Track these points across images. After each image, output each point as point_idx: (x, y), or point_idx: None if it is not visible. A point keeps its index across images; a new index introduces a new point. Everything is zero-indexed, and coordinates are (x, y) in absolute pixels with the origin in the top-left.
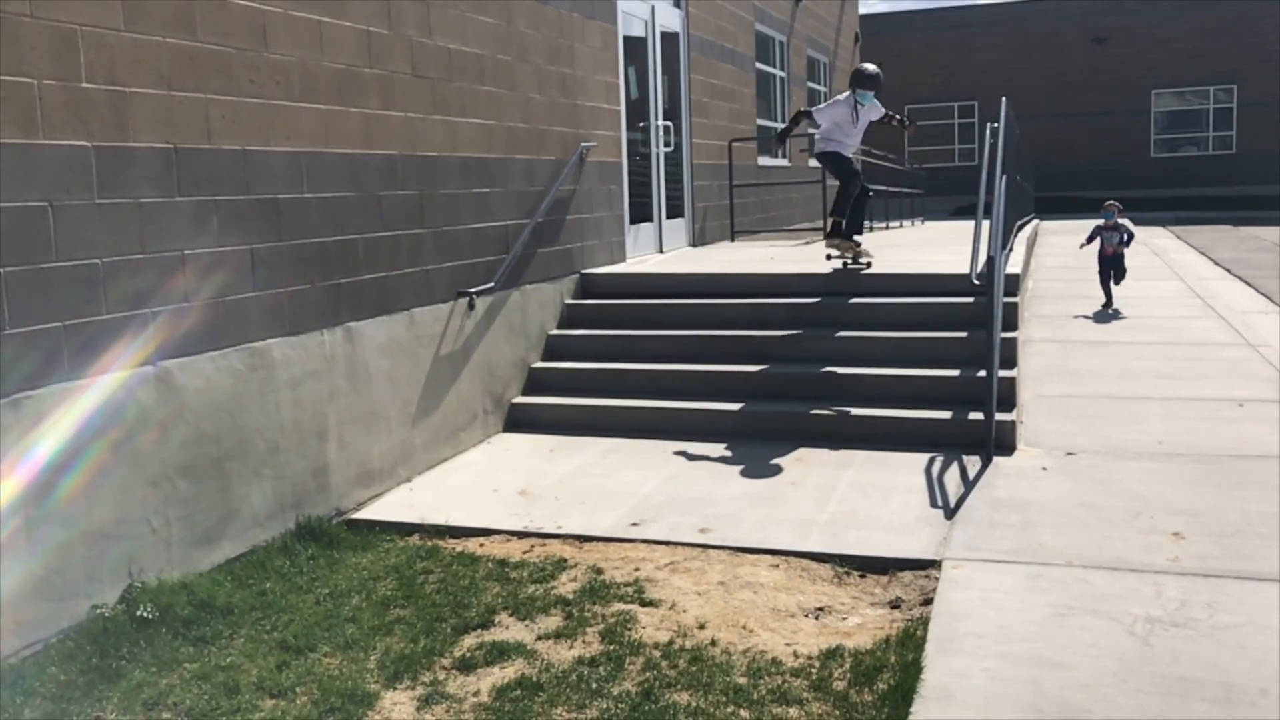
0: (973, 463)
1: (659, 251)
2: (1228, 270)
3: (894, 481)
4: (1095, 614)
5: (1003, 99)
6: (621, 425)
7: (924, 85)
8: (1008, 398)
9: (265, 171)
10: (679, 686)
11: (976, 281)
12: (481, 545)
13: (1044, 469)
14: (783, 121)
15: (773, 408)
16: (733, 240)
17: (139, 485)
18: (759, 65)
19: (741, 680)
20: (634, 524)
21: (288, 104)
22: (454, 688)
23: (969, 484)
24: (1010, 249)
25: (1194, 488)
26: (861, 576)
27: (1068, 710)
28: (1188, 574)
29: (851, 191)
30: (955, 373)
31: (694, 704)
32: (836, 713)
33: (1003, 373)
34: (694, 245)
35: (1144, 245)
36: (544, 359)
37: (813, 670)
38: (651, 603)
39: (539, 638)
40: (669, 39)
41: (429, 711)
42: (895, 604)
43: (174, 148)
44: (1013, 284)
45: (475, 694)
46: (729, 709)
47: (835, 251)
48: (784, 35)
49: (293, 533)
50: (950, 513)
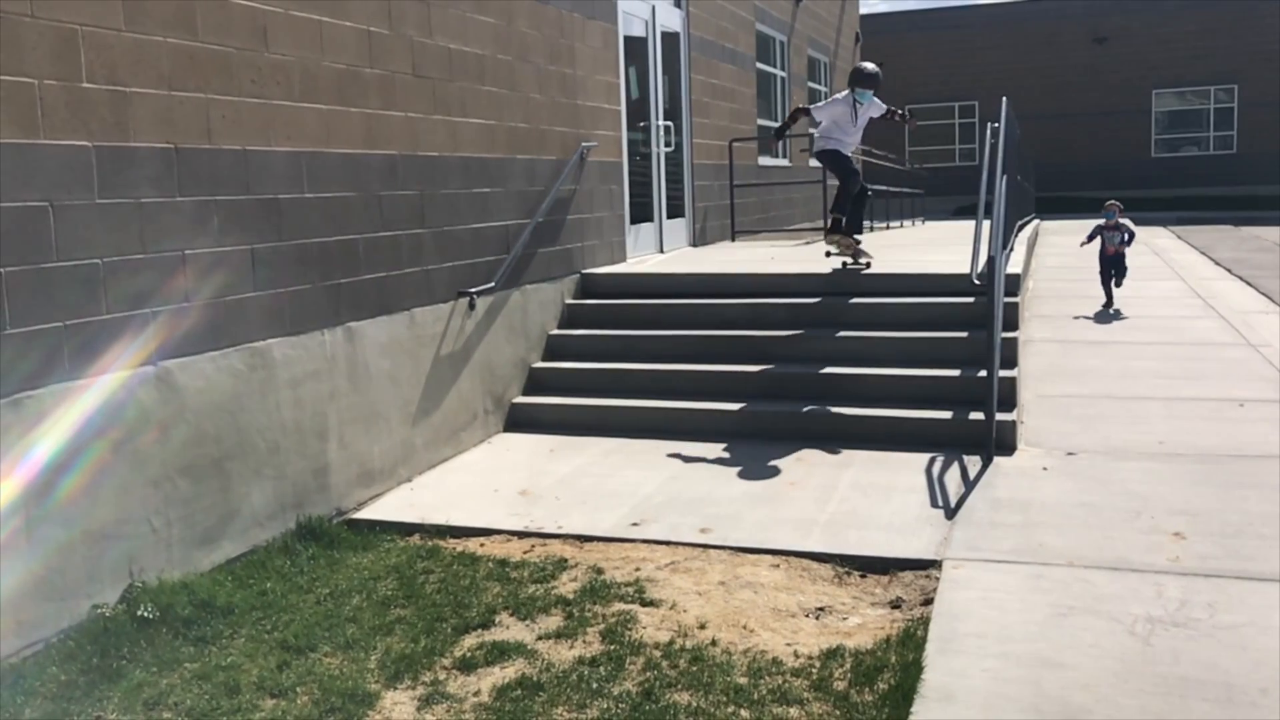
0: (973, 463)
1: (659, 251)
2: (1228, 270)
3: (895, 481)
4: (1096, 614)
5: (1003, 99)
6: (622, 425)
7: (925, 85)
8: (1008, 398)
9: (266, 171)
10: (679, 686)
11: (977, 281)
12: (482, 545)
13: (1045, 469)
14: (779, 120)
15: (773, 408)
16: (733, 240)
17: (139, 485)
18: (760, 65)
19: (742, 680)
20: (635, 524)
21: (288, 104)
22: (454, 687)
23: (970, 484)
24: (1011, 249)
25: (1195, 488)
26: (862, 576)
27: (1068, 710)
28: (1188, 574)
29: (851, 189)
30: (956, 373)
31: (694, 704)
32: (837, 713)
33: (1003, 373)
34: (694, 245)
35: (1145, 245)
36: (544, 359)
37: (813, 670)
38: (652, 603)
39: (539, 638)
40: (669, 39)
41: (429, 711)
42: (896, 604)
43: (175, 148)
44: (1013, 284)
45: (476, 694)
46: (729, 709)
47: (835, 249)
48: (784, 35)
49: (293, 533)
50: (951, 513)
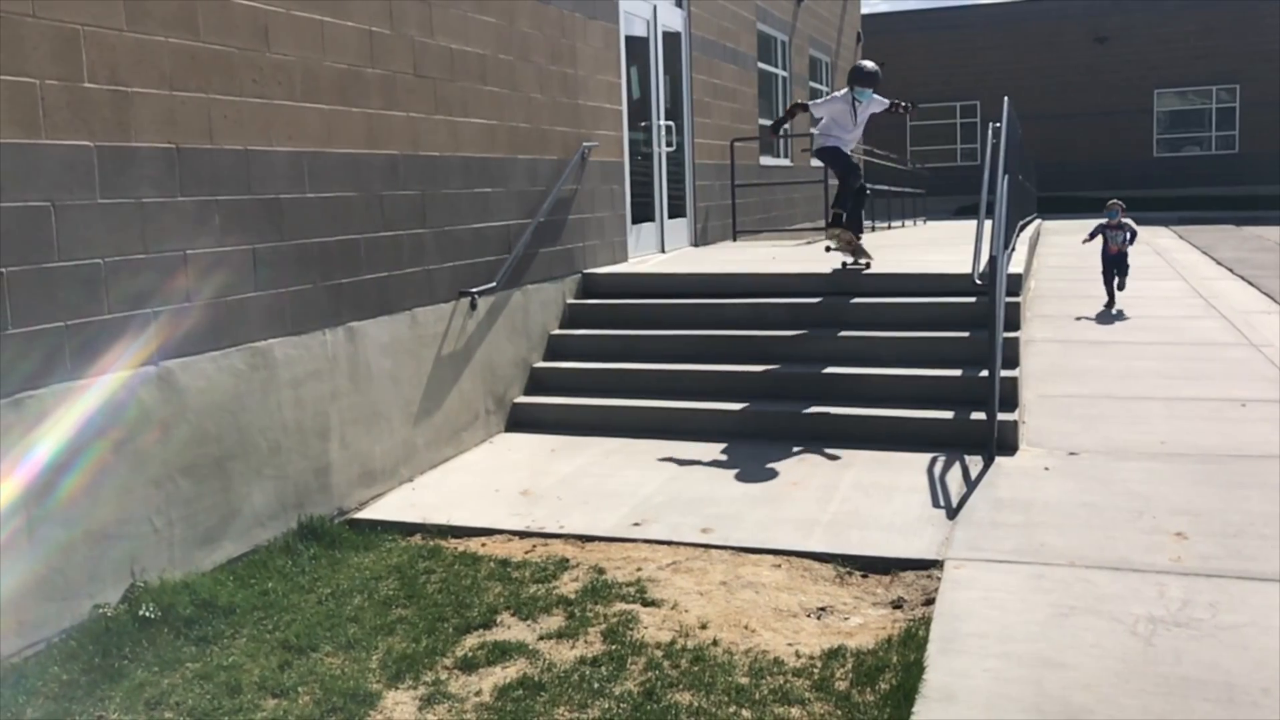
0: (975, 463)
1: (661, 251)
2: (1230, 270)
3: (896, 481)
4: (1097, 614)
5: (1005, 99)
6: (624, 425)
7: (926, 85)
8: (1010, 398)
9: (267, 171)
10: (681, 686)
11: (979, 281)
12: (483, 545)
13: (1046, 469)
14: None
15: (774, 408)
16: (734, 240)
17: (141, 485)
18: (761, 65)
19: (743, 680)
20: (636, 524)
21: (290, 104)
22: (456, 687)
23: (971, 484)
24: (1013, 249)
25: (1196, 488)
26: (864, 576)
27: (1070, 710)
28: (1190, 574)
29: (851, 185)
30: (957, 373)
31: (696, 704)
32: (838, 713)
33: (1005, 373)
34: (696, 245)
35: (1146, 245)
36: (546, 359)
37: (815, 670)
38: (653, 603)
39: (541, 637)
40: (671, 39)
41: (431, 711)
42: (897, 604)
43: (176, 148)
44: (1015, 284)
45: (477, 694)
46: (731, 709)
47: (834, 244)
48: (786, 35)
49: (295, 532)
50: (952, 513)
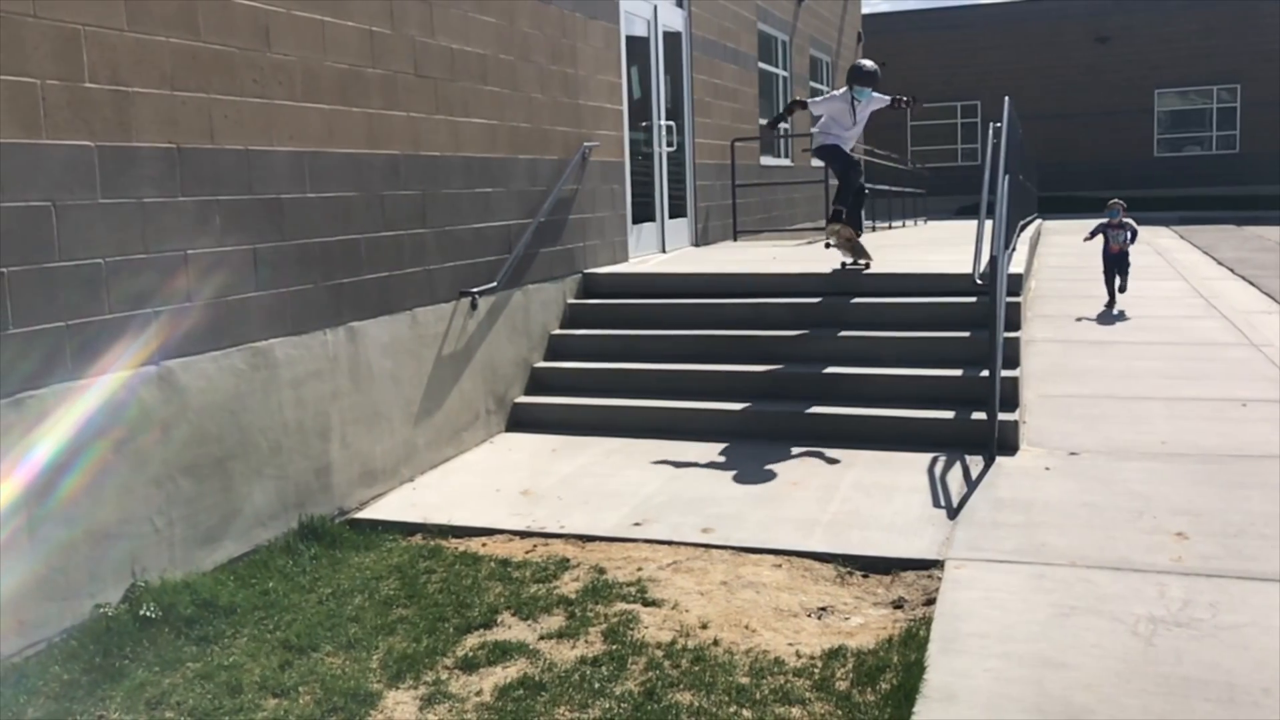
0: (975, 463)
1: (661, 251)
2: (1231, 270)
3: (897, 481)
4: (1098, 614)
5: (1006, 99)
6: (624, 425)
7: (927, 85)
8: (1010, 398)
9: (268, 171)
10: (681, 686)
11: (979, 281)
12: (484, 545)
13: (1047, 469)
14: (785, 122)
15: (775, 408)
16: (735, 240)
17: (141, 484)
18: (762, 65)
19: (744, 680)
20: (636, 524)
21: (291, 104)
22: (456, 687)
23: (972, 484)
24: (1013, 249)
25: (1197, 488)
26: (864, 576)
27: (1071, 710)
28: (1191, 574)
29: (852, 182)
30: (958, 372)
31: (697, 704)
32: (839, 713)
33: (1006, 372)
34: (696, 245)
35: (1147, 245)
36: (546, 359)
37: (815, 670)
38: (654, 602)
39: (541, 637)
40: (671, 38)
41: (431, 711)
42: (898, 604)
43: (177, 148)
44: (1015, 284)
45: (478, 693)
46: (732, 709)
47: (834, 240)
48: (787, 35)
49: (295, 532)
50: (953, 513)
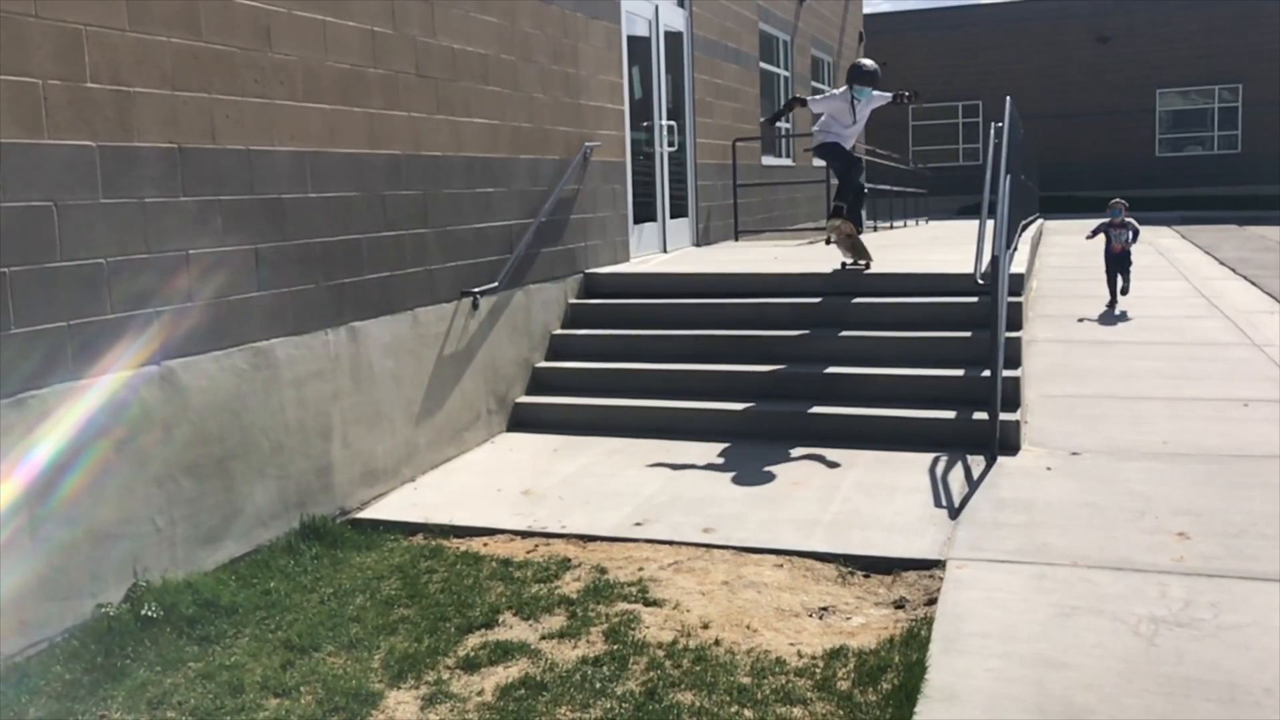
0: (977, 463)
1: (663, 251)
2: (1232, 270)
3: (898, 481)
4: (1100, 614)
5: (1007, 99)
6: (625, 425)
7: (928, 85)
8: (1012, 398)
9: (269, 171)
10: (683, 686)
11: (981, 281)
12: (485, 545)
13: (1048, 469)
14: (785, 120)
15: (776, 407)
16: (737, 240)
17: (143, 484)
18: (763, 65)
19: (745, 680)
20: (638, 524)
21: (292, 104)
22: (458, 687)
23: (973, 484)
24: (1015, 249)
25: (1198, 488)
26: (866, 576)
27: (1072, 710)
28: (1192, 574)
29: (853, 179)
30: (959, 372)
31: (698, 704)
32: (841, 713)
33: (1007, 372)
34: (698, 245)
35: (1149, 245)
36: (548, 359)
37: (817, 670)
38: (655, 602)
39: (543, 637)
40: (673, 38)
41: (433, 711)
42: (899, 604)
43: (178, 147)
44: (1017, 284)
45: (479, 693)
46: (733, 709)
47: (834, 236)
48: (788, 35)
49: (297, 532)
50: (954, 513)
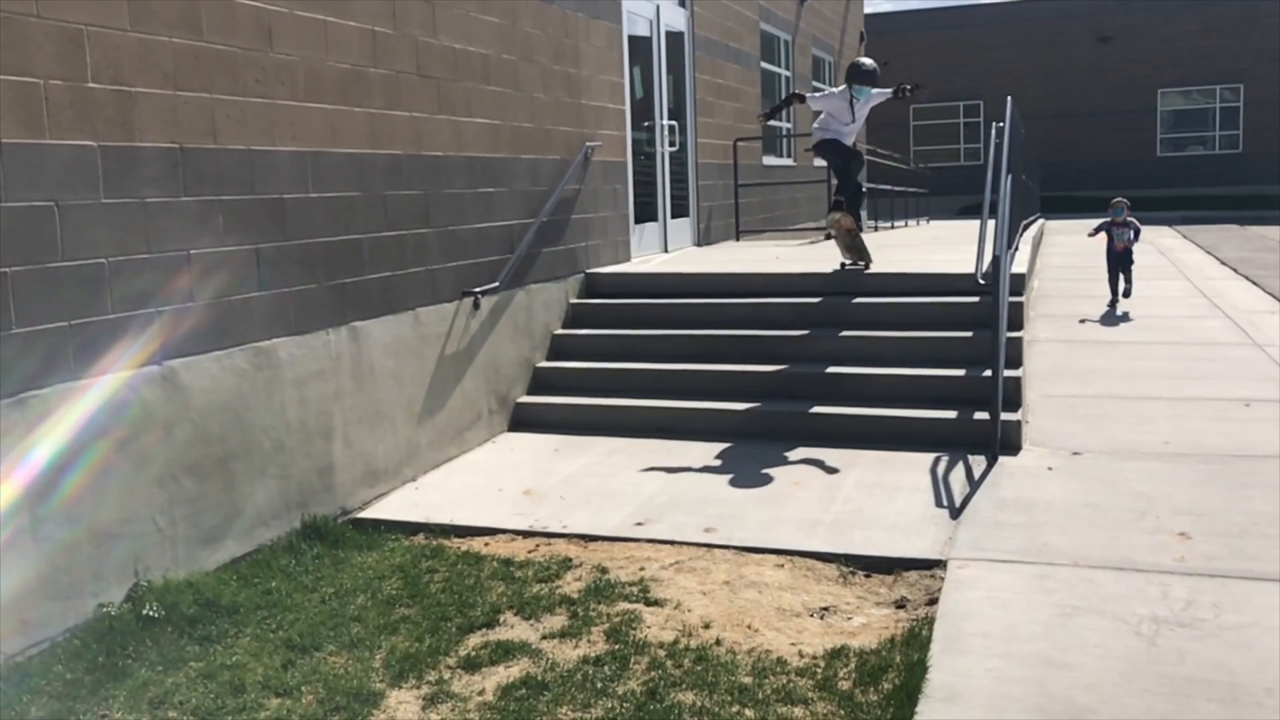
0: (978, 463)
1: (664, 251)
2: (1234, 270)
3: (899, 481)
4: (1101, 614)
5: (1008, 98)
6: (626, 425)
7: (929, 84)
8: (1013, 397)
9: (270, 171)
10: (684, 686)
11: (982, 281)
12: (486, 544)
13: (1050, 469)
14: (786, 119)
15: (777, 407)
16: (738, 240)
17: (144, 484)
18: (764, 65)
19: (746, 680)
20: (639, 523)
21: (293, 104)
22: (459, 687)
23: (974, 484)
24: (1016, 248)
25: (1200, 488)
26: (867, 576)
27: (1073, 710)
28: (1194, 574)
29: (853, 173)
30: (961, 372)
31: (699, 703)
32: (841, 712)
33: (1008, 372)
34: (699, 245)
35: (1150, 245)
36: (549, 358)
37: (818, 670)
38: (656, 602)
39: (544, 637)
40: (674, 38)
41: (434, 710)
42: (900, 604)
43: (179, 147)
44: (1018, 283)
45: (480, 693)
46: (734, 708)
47: (834, 231)
48: (789, 34)
49: (298, 532)
50: (956, 513)
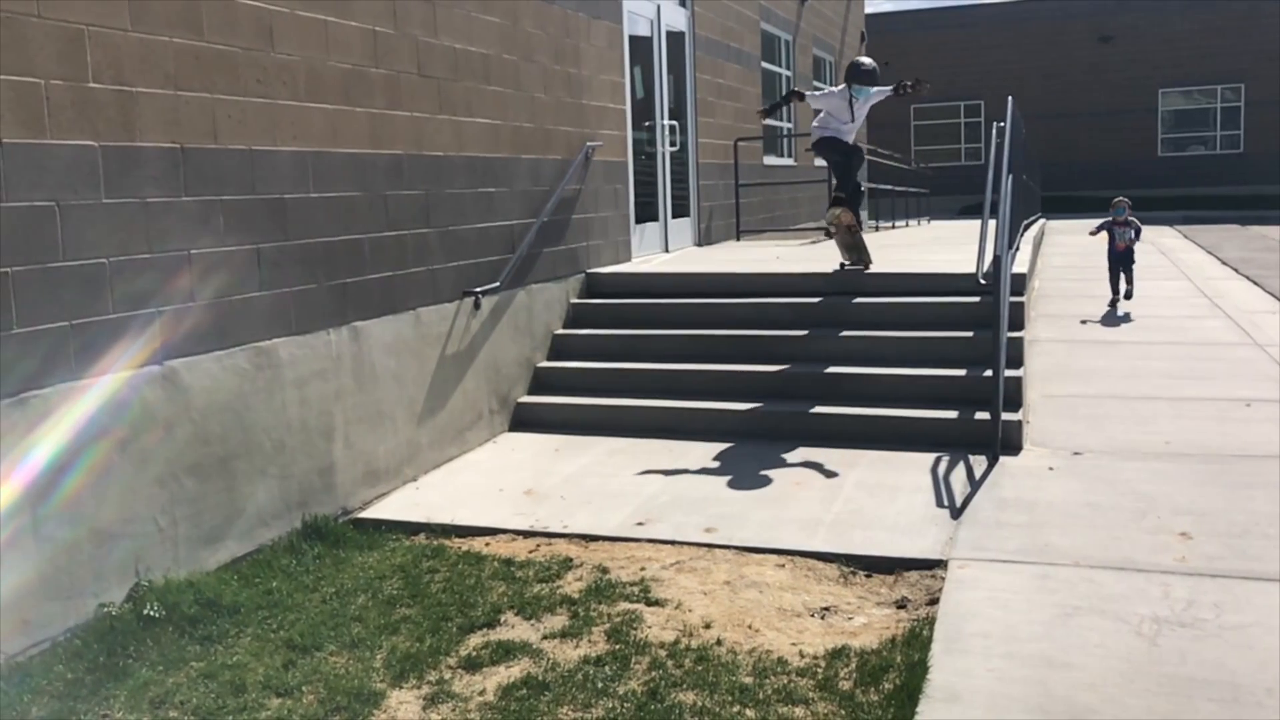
0: (979, 463)
1: (664, 251)
2: (1235, 270)
3: (900, 481)
4: (1102, 614)
5: (1009, 98)
6: (627, 425)
7: (929, 84)
8: (1014, 397)
9: (271, 171)
10: (685, 686)
11: (983, 281)
12: (487, 544)
13: (1051, 469)
14: (786, 118)
15: (778, 407)
16: (738, 240)
17: (145, 484)
18: (765, 64)
19: (747, 680)
20: (640, 523)
21: (294, 104)
22: (460, 687)
23: (975, 484)
24: (1017, 248)
25: (1201, 488)
26: (867, 576)
27: (1074, 710)
28: (1195, 574)
29: (853, 168)
30: (961, 372)
31: (700, 703)
32: (842, 712)
33: (1009, 372)
34: (699, 245)
35: (1151, 245)
36: (550, 358)
37: (818, 670)
38: (657, 602)
39: (545, 637)
40: (675, 38)
41: (435, 710)
42: (901, 604)
43: (180, 147)
44: (1019, 283)
45: (481, 693)
46: (735, 708)
47: (834, 228)
48: (790, 34)
49: (299, 532)
50: (956, 512)
